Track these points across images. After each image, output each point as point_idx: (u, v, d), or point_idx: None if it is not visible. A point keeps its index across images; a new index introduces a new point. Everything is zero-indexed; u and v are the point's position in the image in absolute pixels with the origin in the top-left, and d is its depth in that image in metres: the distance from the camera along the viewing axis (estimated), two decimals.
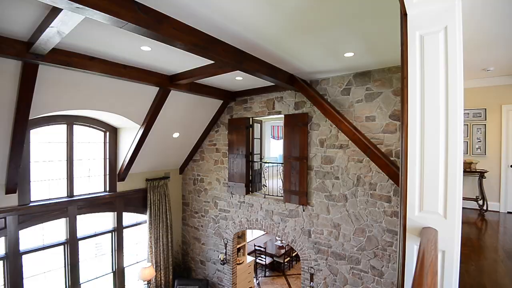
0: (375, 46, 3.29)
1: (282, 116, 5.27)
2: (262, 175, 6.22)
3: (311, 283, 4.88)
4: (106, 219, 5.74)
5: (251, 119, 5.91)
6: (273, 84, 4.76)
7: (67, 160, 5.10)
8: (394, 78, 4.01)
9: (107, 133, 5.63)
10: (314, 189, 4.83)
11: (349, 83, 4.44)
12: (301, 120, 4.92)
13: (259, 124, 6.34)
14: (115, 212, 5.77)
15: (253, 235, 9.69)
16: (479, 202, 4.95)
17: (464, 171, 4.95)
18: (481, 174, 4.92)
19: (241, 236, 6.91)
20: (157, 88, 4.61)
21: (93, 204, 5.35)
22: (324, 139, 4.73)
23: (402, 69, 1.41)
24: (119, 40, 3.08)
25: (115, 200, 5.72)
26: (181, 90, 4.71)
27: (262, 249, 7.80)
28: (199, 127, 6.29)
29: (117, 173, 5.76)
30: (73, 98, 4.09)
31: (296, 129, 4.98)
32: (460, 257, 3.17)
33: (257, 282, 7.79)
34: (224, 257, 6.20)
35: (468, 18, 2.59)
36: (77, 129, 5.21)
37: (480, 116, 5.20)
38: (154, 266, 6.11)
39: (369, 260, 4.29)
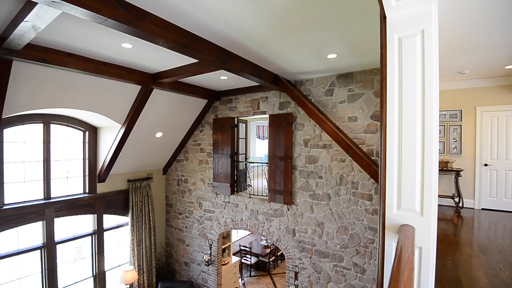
0: (357, 48, 3.36)
1: (267, 116, 5.28)
2: (247, 175, 6.22)
3: (296, 281, 4.92)
4: (86, 222, 5.55)
5: (236, 118, 5.89)
6: (258, 84, 4.77)
7: (43, 161, 4.88)
8: (375, 79, 4.12)
9: (87, 133, 5.44)
10: (299, 189, 4.88)
11: (332, 84, 4.51)
12: (285, 120, 4.95)
13: (244, 124, 6.33)
14: (95, 215, 5.58)
15: (238, 235, 9.67)
16: (455, 199, 5.18)
17: (441, 170, 5.16)
18: (457, 173, 5.14)
19: (226, 236, 6.88)
20: (139, 87, 4.51)
21: (71, 207, 5.15)
22: (308, 139, 4.78)
23: (381, 70, 1.45)
24: (99, 36, 2.98)
25: (95, 202, 5.54)
26: (164, 89, 4.63)
27: (247, 249, 7.79)
28: (183, 127, 6.20)
29: (97, 174, 5.58)
30: (50, 96, 3.92)
31: (280, 129, 5.01)
32: (437, 252, 3.30)
33: (243, 282, 7.78)
34: (209, 258, 6.15)
35: (445, 23, 2.70)
36: (55, 128, 5.00)
37: (456, 117, 5.43)
38: (137, 269, 5.97)
39: (351, 257, 4.38)
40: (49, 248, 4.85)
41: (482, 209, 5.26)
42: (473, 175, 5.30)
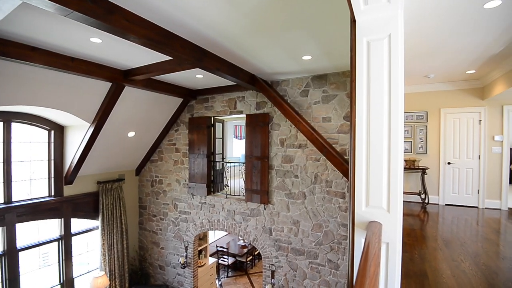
0: (330, 50, 3.45)
1: (244, 115, 5.28)
2: (224, 175, 6.17)
3: (272, 280, 4.96)
4: (52, 227, 5.23)
5: (212, 118, 5.82)
6: (235, 83, 4.75)
7: (3, 162, 4.52)
8: (348, 81, 4.26)
9: (52, 132, 5.12)
10: (275, 188, 4.92)
11: (308, 85, 4.60)
12: (262, 120, 4.98)
13: (221, 124, 6.27)
14: (62, 219, 5.27)
15: (215, 236, 9.57)
16: (421, 196, 5.48)
17: (409, 168, 5.45)
18: (423, 171, 5.45)
19: (202, 238, 6.78)
20: (110, 84, 4.31)
21: (35, 211, 4.83)
22: (284, 139, 4.84)
23: (351, 72, 1.49)
24: (65, 29, 2.81)
25: (61, 206, 5.23)
26: (136, 87, 4.47)
27: (224, 249, 7.74)
28: (157, 126, 6.03)
29: (64, 175, 5.27)
30: (11, 92, 3.63)
31: (257, 129, 5.02)
32: (405, 246, 3.47)
33: (220, 283, 7.71)
34: (185, 260, 6.03)
35: (412, 29, 2.85)
36: (16, 127, 4.65)
37: (423, 118, 5.76)
38: (108, 275, 5.71)
39: (326, 254, 4.49)
40: (10, 256, 4.50)
41: (446, 204, 5.62)
42: (438, 173, 5.65)
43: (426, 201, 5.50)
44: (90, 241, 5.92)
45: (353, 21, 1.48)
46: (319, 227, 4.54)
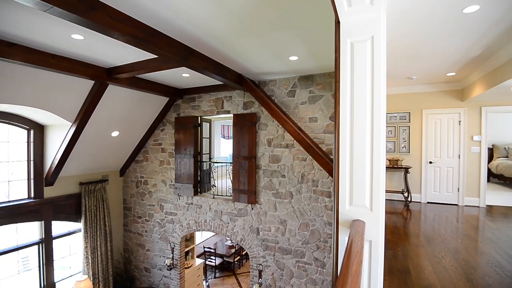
0: (317, 51, 3.49)
1: (232, 115, 5.26)
2: (211, 175, 6.13)
3: (260, 279, 4.97)
4: (32, 230, 5.03)
5: (199, 118, 5.77)
6: (222, 83, 4.72)
7: None
8: (334, 82, 4.31)
9: (32, 131, 4.92)
10: (262, 188, 4.93)
11: (294, 86, 4.63)
12: (249, 120, 4.97)
13: (208, 123, 6.22)
14: (42, 221, 5.09)
15: (202, 237, 9.49)
16: (404, 194, 5.63)
17: (392, 167, 5.59)
18: (406, 170, 5.60)
19: (189, 239, 6.70)
20: (92, 82, 4.20)
21: (14, 213, 4.63)
22: (271, 139, 4.85)
23: (335, 73, 1.51)
24: (45, 25, 2.70)
25: (42, 208, 5.04)
26: (120, 85, 4.36)
27: (212, 250, 7.68)
28: (143, 126, 5.91)
29: (44, 177, 5.08)
30: None
31: (245, 128, 5.01)
32: (389, 244, 3.55)
33: (207, 284, 7.65)
34: (171, 262, 5.94)
35: (395, 32, 2.92)
36: None
37: (405, 119, 5.92)
38: (91, 278, 5.56)
39: (312, 253, 4.54)
40: None
41: (428, 202, 5.80)
42: (420, 172, 5.82)
43: (409, 199, 5.65)
44: (72, 244, 5.74)
45: (337, 23, 1.50)
46: (305, 226, 4.58)
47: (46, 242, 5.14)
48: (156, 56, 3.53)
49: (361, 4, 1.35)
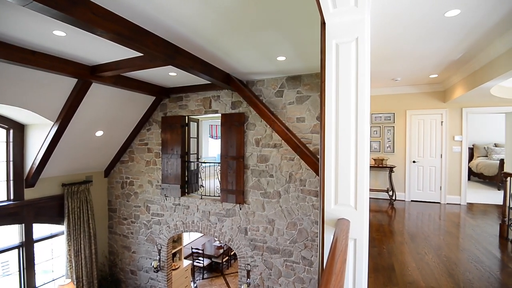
0: (304, 52, 3.51)
1: (220, 115, 5.22)
2: (199, 176, 6.07)
3: (248, 279, 4.96)
4: (11, 233, 4.85)
5: (187, 117, 5.70)
6: (210, 82, 4.69)
7: None
8: (320, 83, 4.36)
9: (11, 131, 4.74)
10: (250, 188, 4.93)
11: (282, 86, 4.65)
12: (237, 120, 4.96)
13: (195, 123, 6.16)
14: (23, 224, 4.91)
15: (190, 238, 9.39)
16: (389, 193, 5.76)
17: (377, 167, 5.71)
18: (391, 169, 5.73)
19: (176, 240, 6.62)
20: (75, 80, 4.08)
21: None
22: (259, 139, 4.86)
23: (321, 74, 1.53)
24: (25, 20, 2.60)
25: (22, 210, 4.86)
26: (105, 83, 4.26)
27: (199, 251, 7.61)
28: (128, 125, 5.79)
29: (25, 178, 4.90)
30: None
31: (233, 128, 4.99)
32: (374, 241, 3.61)
33: (195, 285, 7.58)
34: (158, 264, 5.85)
35: (380, 33, 2.97)
36: None
37: (390, 119, 6.06)
38: (75, 282, 5.40)
39: (300, 252, 4.57)
40: None
41: (412, 200, 5.96)
42: (404, 171, 5.97)
43: (394, 197, 5.78)
44: (55, 247, 5.57)
45: (322, 24, 1.51)
46: (293, 225, 4.61)
47: (27, 246, 4.96)
48: (142, 55, 3.46)
49: (345, 5, 1.37)
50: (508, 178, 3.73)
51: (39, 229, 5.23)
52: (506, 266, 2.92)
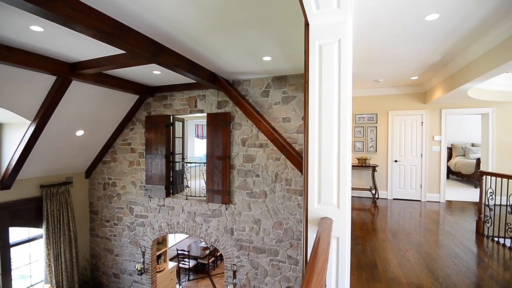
0: (290, 52, 3.54)
1: (205, 114, 5.17)
2: (184, 176, 5.99)
3: (234, 280, 4.94)
4: None
5: (171, 116, 5.61)
6: (195, 81, 4.63)
7: None
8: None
9: None
10: (237, 187, 4.91)
11: (268, 86, 4.66)
12: (223, 120, 4.93)
13: (181, 123, 6.07)
14: None
15: (175, 239, 9.26)
16: (372, 191, 5.89)
17: (361, 166, 5.82)
18: (374, 168, 5.87)
19: (161, 241, 6.51)
20: (54, 77, 3.93)
21: None
22: (245, 139, 4.85)
23: (304, 74, 1.54)
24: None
25: None
26: (85, 81, 4.13)
27: (185, 252, 7.51)
28: (110, 125, 5.63)
29: (0, 179, 4.67)
30: None
31: (219, 128, 4.96)
32: (358, 239, 3.68)
33: (181, 287, 7.48)
34: (142, 266, 5.73)
35: (363, 36, 3.03)
36: None
37: (373, 120, 6.20)
38: (55, 287, 5.20)
39: (286, 251, 4.60)
40: None
41: (394, 199, 6.12)
42: (386, 170, 6.13)
43: (376, 196, 5.92)
44: (33, 251, 5.34)
45: (306, 25, 1.52)
46: (279, 225, 4.63)
47: (3, 250, 4.74)
48: (124, 52, 3.37)
49: (328, 7, 1.38)
50: (484, 177, 3.90)
51: (16, 233, 5.01)
52: (482, 260, 3.05)
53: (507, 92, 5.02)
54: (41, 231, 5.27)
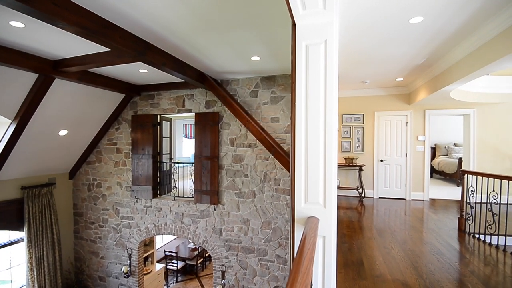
0: (278, 53, 3.55)
1: (193, 114, 5.13)
2: (172, 176, 5.92)
3: (223, 280, 4.92)
4: None
5: (159, 116, 5.53)
6: (183, 80, 4.58)
7: None
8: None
9: None
10: (225, 188, 4.89)
11: (257, 86, 4.67)
12: (212, 119, 4.90)
13: (168, 122, 5.99)
14: None
15: (163, 241, 9.13)
16: (359, 190, 5.99)
17: (348, 165, 5.91)
18: (360, 168, 5.97)
19: (148, 243, 6.40)
20: (36, 75, 3.80)
21: None
22: (234, 138, 4.83)
23: (291, 74, 1.55)
24: None
25: None
26: (69, 79, 4.01)
27: (173, 254, 7.42)
28: (95, 124, 5.49)
29: None
30: None
31: (207, 128, 4.92)
32: (345, 237, 3.73)
33: None
34: (128, 269, 5.62)
35: (349, 38, 3.08)
36: None
37: (360, 120, 6.31)
38: None
39: (274, 250, 4.61)
40: None
41: (380, 197, 6.24)
42: (372, 169, 6.24)
43: (363, 195, 6.03)
44: (14, 255, 5.16)
45: (293, 25, 1.53)
46: (268, 224, 4.64)
47: None
48: (110, 50, 3.30)
49: (314, 8, 1.39)
50: (465, 175, 4.03)
51: None
52: (463, 257, 3.15)
53: (488, 93, 5.21)
54: (22, 234, 5.08)
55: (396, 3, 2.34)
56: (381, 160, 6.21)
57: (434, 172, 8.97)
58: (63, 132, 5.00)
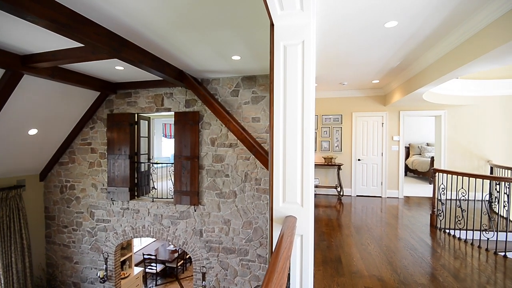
0: (259, 53, 3.55)
1: (173, 113, 5.02)
2: (151, 177, 5.77)
3: (203, 282, 4.86)
4: None
5: (136, 115, 5.37)
6: (162, 78, 4.48)
7: None
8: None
9: None
10: (206, 188, 4.84)
11: (238, 85, 4.65)
12: (192, 119, 4.82)
13: (146, 121, 5.84)
14: None
15: (142, 244, 8.89)
16: (337, 189, 6.13)
17: (327, 165, 6.04)
18: (339, 167, 6.11)
19: (126, 247, 6.20)
20: (3, 71, 3.57)
21: None
22: (215, 138, 4.79)
23: (270, 75, 1.56)
24: None
25: None
26: (40, 76, 3.80)
27: (152, 257, 7.24)
28: (68, 123, 5.24)
29: None
30: None
31: (187, 127, 4.84)
32: (324, 235, 3.80)
33: None
34: (105, 273, 5.42)
35: (326, 40, 3.14)
36: None
37: (338, 121, 6.46)
38: None
39: (255, 250, 4.62)
40: None
41: (357, 195, 6.42)
42: (350, 168, 6.42)
43: (341, 193, 6.17)
44: None
45: (271, 25, 1.54)
46: (249, 224, 4.64)
47: None
48: (84, 45, 3.16)
49: (292, 9, 1.41)
50: (437, 174, 4.24)
51: None
52: (435, 251, 3.31)
53: (458, 96, 5.51)
54: None
55: (371, 10, 2.41)
56: (359, 160, 6.39)
57: (408, 170, 9.36)
58: (33, 131, 4.73)
